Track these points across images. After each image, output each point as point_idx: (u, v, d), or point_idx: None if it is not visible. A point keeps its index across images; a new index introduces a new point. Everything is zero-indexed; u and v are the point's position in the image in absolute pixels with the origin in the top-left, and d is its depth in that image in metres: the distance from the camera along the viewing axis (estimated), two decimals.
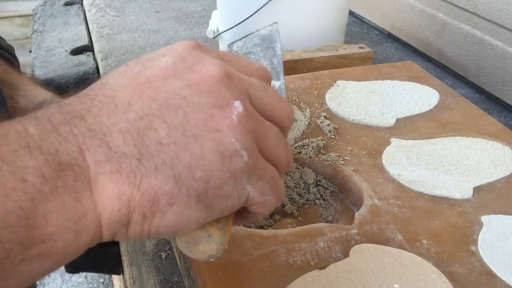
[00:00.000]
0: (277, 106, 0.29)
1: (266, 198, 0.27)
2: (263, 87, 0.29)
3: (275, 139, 0.28)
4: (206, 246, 0.26)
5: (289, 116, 0.30)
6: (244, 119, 0.25)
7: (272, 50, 0.43)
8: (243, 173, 0.25)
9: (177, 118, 0.24)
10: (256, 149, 0.26)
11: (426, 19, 0.78)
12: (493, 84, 0.67)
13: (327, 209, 0.43)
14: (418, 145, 0.48)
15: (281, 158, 0.28)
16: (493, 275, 0.35)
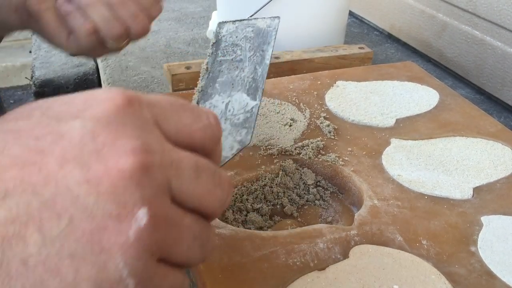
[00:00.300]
0: (206, 196, 0.24)
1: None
2: (194, 174, 0.23)
3: (189, 243, 0.23)
4: None
5: (221, 205, 0.25)
6: (145, 235, 0.20)
7: (262, 55, 0.38)
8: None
9: (58, 227, 0.19)
10: (153, 268, 0.21)
11: (426, 19, 0.78)
12: (493, 84, 0.67)
13: (326, 210, 0.43)
14: (418, 145, 0.48)
15: (193, 260, 0.23)
16: (493, 275, 0.35)
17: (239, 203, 0.42)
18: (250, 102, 0.36)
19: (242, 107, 0.35)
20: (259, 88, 0.36)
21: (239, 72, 0.37)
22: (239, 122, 0.35)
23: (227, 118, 0.35)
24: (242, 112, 0.35)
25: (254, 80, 0.37)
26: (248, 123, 0.34)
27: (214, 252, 0.35)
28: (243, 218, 0.41)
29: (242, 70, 0.37)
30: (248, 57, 0.37)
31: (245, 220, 0.41)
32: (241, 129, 0.34)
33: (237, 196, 0.42)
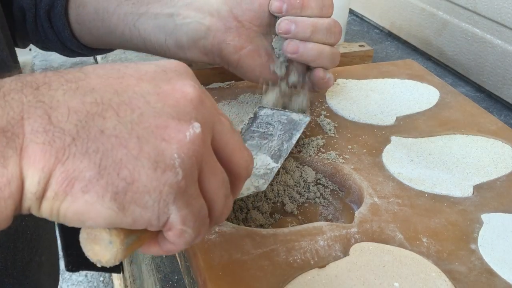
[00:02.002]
0: (237, 151, 0.28)
1: (185, 229, 0.25)
2: (230, 128, 0.28)
3: (218, 182, 0.27)
4: (101, 250, 0.25)
5: (247, 166, 0.29)
6: (197, 141, 0.25)
7: (290, 136, 0.44)
8: (172, 190, 0.24)
9: (130, 116, 0.24)
10: (194, 175, 0.25)
11: (426, 17, 0.78)
12: (494, 82, 0.67)
13: (327, 208, 0.43)
14: (418, 143, 0.48)
15: (216, 204, 0.27)
16: (493, 273, 0.35)
17: (239, 201, 0.42)
18: (272, 164, 0.42)
19: (265, 165, 0.41)
20: (282, 156, 0.42)
21: (267, 142, 0.43)
22: (260, 174, 0.41)
23: None
24: (263, 168, 0.41)
25: (279, 151, 0.43)
26: (266, 177, 0.40)
27: (215, 249, 0.35)
28: (244, 216, 0.41)
29: (271, 141, 0.43)
30: (278, 134, 0.44)
31: (246, 218, 0.41)
32: (260, 179, 0.40)
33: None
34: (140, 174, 0.23)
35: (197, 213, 0.26)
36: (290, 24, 0.47)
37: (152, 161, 0.23)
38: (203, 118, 0.26)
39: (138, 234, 0.26)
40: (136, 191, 0.23)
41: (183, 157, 0.24)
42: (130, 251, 0.26)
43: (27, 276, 0.49)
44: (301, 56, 0.48)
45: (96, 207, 0.23)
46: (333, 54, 0.49)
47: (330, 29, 0.47)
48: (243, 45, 0.49)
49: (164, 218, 0.24)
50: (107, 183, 0.23)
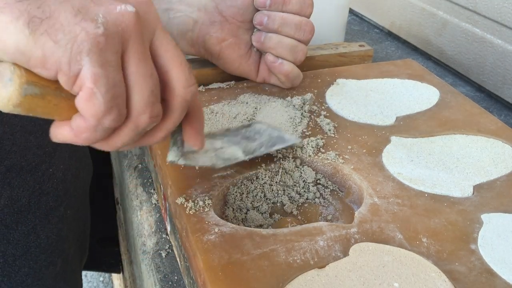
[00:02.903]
0: (177, 64, 0.30)
1: (95, 92, 0.25)
2: (174, 43, 0.30)
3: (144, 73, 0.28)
4: (1, 88, 0.25)
5: (185, 84, 0.30)
6: (127, 17, 0.27)
7: (271, 145, 0.44)
8: (87, 39, 0.25)
9: None
10: (117, 45, 0.26)
11: (426, 17, 0.78)
12: (494, 82, 0.67)
13: (326, 208, 0.43)
14: (418, 143, 0.48)
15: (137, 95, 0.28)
16: (493, 273, 0.35)
17: (239, 201, 0.42)
18: (240, 156, 0.42)
19: (232, 154, 0.42)
20: (253, 154, 0.42)
21: (247, 142, 0.44)
22: (223, 157, 0.41)
23: (216, 151, 0.41)
24: (229, 155, 0.42)
25: (254, 150, 0.43)
26: (227, 162, 0.41)
27: (214, 250, 0.35)
28: (243, 216, 0.41)
29: (250, 142, 0.44)
30: (261, 141, 0.44)
31: (245, 218, 0.41)
32: (220, 160, 0.41)
33: (237, 194, 0.42)
34: (59, 14, 0.25)
35: (111, 82, 0.26)
36: (263, 16, 0.51)
37: (75, 9, 0.25)
38: (143, 13, 0.28)
39: (44, 91, 0.26)
40: (52, 26, 0.25)
41: (108, 19, 0.26)
42: (31, 104, 0.25)
43: (49, 221, 0.54)
44: (262, 45, 0.52)
45: (9, 27, 0.24)
46: (295, 46, 0.52)
47: (300, 25, 0.51)
48: (224, 38, 0.53)
49: (75, 68, 0.25)
50: (25, 9, 0.24)
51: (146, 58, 0.28)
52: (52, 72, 0.25)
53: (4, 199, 0.49)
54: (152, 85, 0.28)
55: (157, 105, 0.29)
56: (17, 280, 0.52)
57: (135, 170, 0.57)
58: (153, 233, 0.48)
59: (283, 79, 0.54)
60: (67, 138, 0.28)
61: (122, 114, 0.28)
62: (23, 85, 0.25)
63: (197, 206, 0.39)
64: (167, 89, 0.30)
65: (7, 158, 0.48)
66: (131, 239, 0.61)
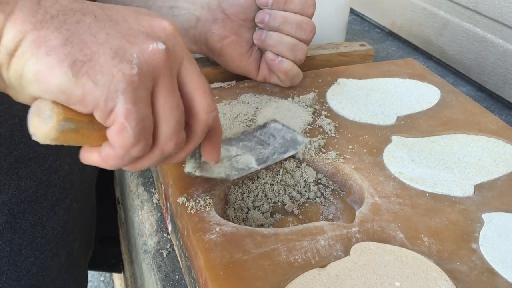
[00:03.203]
0: (201, 91, 0.32)
1: (126, 125, 0.28)
2: (198, 71, 0.33)
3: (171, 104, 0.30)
4: (39, 123, 0.27)
5: (207, 110, 0.33)
6: (158, 55, 0.29)
7: (284, 151, 0.45)
8: (123, 79, 0.28)
9: (107, 20, 0.29)
10: (148, 82, 0.29)
11: (427, 17, 0.78)
12: (495, 82, 0.67)
13: (328, 208, 0.43)
14: (419, 143, 0.48)
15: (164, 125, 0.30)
16: (494, 273, 0.35)
17: (240, 201, 0.42)
18: (253, 165, 0.43)
19: (245, 163, 0.43)
20: (266, 163, 0.43)
21: (261, 148, 0.45)
22: (237, 167, 0.42)
23: (230, 160, 0.43)
24: (243, 164, 0.43)
25: (267, 158, 0.44)
26: (241, 172, 0.42)
27: (216, 249, 0.35)
28: (244, 216, 0.41)
29: (264, 149, 0.45)
30: (274, 146, 0.45)
31: (246, 217, 0.41)
32: (234, 171, 0.42)
33: (238, 194, 0.42)
34: (99, 56, 0.28)
35: (141, 117, 0.29)
36: (265, 15, 0.51)
37: (113, 51, 0.28)
38: (172, 47, 0.31)
39: (79, 126, 0.28)
40: (92, 67, 0.27)
41: (141, 60, 0.29)
42: (67, 138, 0.28)
43: (56, 212, 0.55)
44: (263, 43, 0.53)
45: (54, 69, 0.27)
46: (295, 45, 0.52)
47: (301, 24, 0.51)
48: (226, 35, 0.53)
49: (110, 105, 0.28)
50: (68, 52, 0.27)
51: (174, 91, 0.30)
52: (90, 109, 0.28)
53: (12, 189, 0.50)
54: (178, 115, 0.31)
55: (182, 133, 0.32)
56: (23, 270, 0.52)
57: None
58: (154, 233, 0.48)
59: (282, 77, 0.54)
60: (95, 162, 0.31)
61: (148, 144, 0.30)
62: (60, 122, 0.27)
63: (198, 206, 0.39)
64: (191, 115, 0.33)
65: (16, 149, 0.50)
66: (132, 238, 0.61)
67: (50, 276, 0.56)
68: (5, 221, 0.50)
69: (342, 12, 0.70)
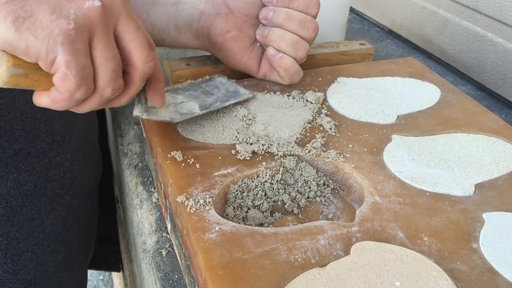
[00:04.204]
0: (137, 44, 0.36)
1: (68, 74, 0.32)
2: (136, 26, 0.36)
3: (107, 55, 0.34)
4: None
5: (144, 60, 0.37)
6: (93, 11, 0.33)
7: (226, 100, 0.50)
8: (61, 33, 0.31)
9: None
10: (85, 36, 0.33)
11: (427, 16, 0.78)
12: (495, 81, 0.67)
13: (327, 207, 0.43)
14: (419, 142, 0.48)
15: (102, 73, 0.35)
16: (495, 272, 0.34)
17: (239, 199, 0.42)
18: (196, 110, 0.47)
19: (189, 109, 0.47)
20: (208, 109, 0.48)
21: (205, 97, 0.50)
22: (181, 112, 0.46)
23: (176, 106, 0.47)
24: (186, 110, 0.47)
25: (210, 105, 0.49)
26: (184, 116, 0.46)
27: (215, 248, 0.35)
28: (244, 215, 0.41)
29: (208, 97, 0.50)
30: (217, 95, 0.50)
31: (246, 216, 0.41)
32: (178, 115, 0.46)
33: (238, 193, 0.42)
34: (39, 13, 0.31)
35: (80, 66, 0.33)
36: (269, 11, 0.52)
37: (51, 7, 0.31)
38: (109, 4, 0.34)
39: (27, 71, 0.33)
40: (33, 23, 0.31)
41: (78, 15, 0.32)
42: (18, 81, 0.33)
43: (54, 208, 0.56)
44: (265, 38, 0.53)
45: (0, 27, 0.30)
46: (297, 42, 0.52)
47: (304, 22, 0.52)
48: (228, 30, 0.53)
49: (51, 56, 0.32)
50: (11, 10, 0.31)
51: (110, 43, 0.35)
52: (34, 59, 0.32)
53: (11, 182, 0.50)
54: (115, 65, 0.35)
55: (118, 80, 0.36)
56: (20, 264, 0.52)
57: (135, 168, 0.57)
58: (153, 232, 0.48)
59: (282, 73, 0.54)
60: (46, 104, 0.35)
61: (90, 89, 0.35)
62: (9, 68, 0.32)
63: (197, 205, 0.38)
64: (129, 65, 0.37)
65: (15, 142, 0.50)
66: (131, 237, 0.61)
67: (47, 271, 0.56)
68: (3, 214, 0.50)
69: (342, 11, 0.69)
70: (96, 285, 1.49)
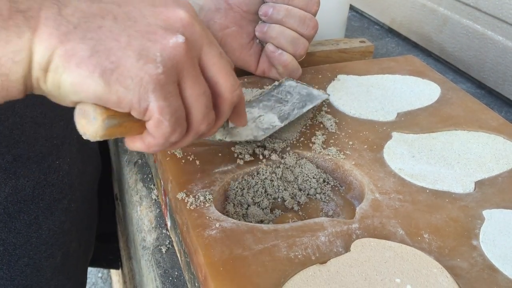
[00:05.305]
0: (223, 73, 0.34)
1: (162, 120, 0.31)
2: (219, 53, 0.34)
3: (198, 91, 0.32)
4: (86, 124, 0.30)
5: (231, 89, 0.35)
6: (179, 49, 0.30)
7: (303, 105, 0.48)
8: (151, 80, 0.29)
9: (126, 21, 0.30)
10: (173, 76, 0.31)
11: (427, 13, 0.77)
12: (494, 79, 0.67)
13: (328, 204, 0.43)
14: (419, 139, 0.48)
15: (195, 110, 0.33)
16: (495, 269, 0.34)
17: (239, 196, 0.42)
18: (277, 122, 0.46)
19: (270, 122, 0.45)
20: (288, 119, 0.46)
21: (281, 106, 0.47)
22: (262, 127, 0.45)
23: (255, 121, 0.45)
24: (267, 124, 0.45)
25: (288, 114, 0.47)
26: (267, 131, 0.44)
27: (215, 245, 0.35)
28: (244, 212, 0.41)
29: (284, 106, 0.47)
30: (292, 102, 0.48)
31: (246, 213, 0.41)
32: (260, 131, 0.44)
33: (238, 190, 0.42)
34: (125, 61, 0.29)
35: (174, 109, 0.31)
36: (269, 8, 0.52)
37: (136, 53, 0.29)
38: (190, 36, 0.32)
39: (121, 120, 0.31)
40: (121, 74, 0.29)
41: (164, 57, 0.30)
42: (112, 132, 0.31)
43: (52, 213, 0.55)
44: (264, 34, 0.53)
45: (87, 80, 0.28)
46: (296, 39, 0.52)
47: (304, 19, 0.52)
48: (228, 25, 0.53)
49: (144, 104, 0.30)
50: (97, 62, 0.28)
51: (198, 79, 0.32)
52: (126, 110, 0.30)
53: (9, 188, 0.50)
54: (206, 100, 0.33)
55: (211, 114, 0.34)
56: (16, 270, 0.52)
57: (134, 165, 0.57)
58: (153, 229, 0.48)
59: (281, 69, 0.54)
60: (140, 148, 0.34)
61: (184, 129, 0.33)
62: (105, 121, 0.30)
63: (197, 201, 0.38)
64: (217, 96, 0.35)
65: (14, 147, 0.49)
66: (131, 234, 0.61)
67: (44, 277, 0.56)
68: (0, 220, 0.50)
69: (342, 8, 0.69)
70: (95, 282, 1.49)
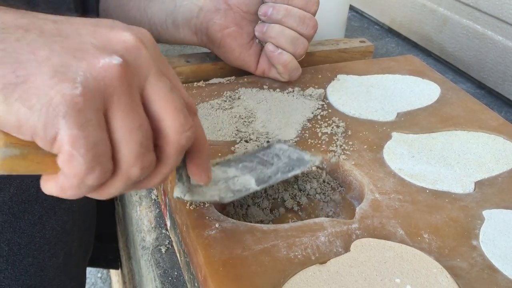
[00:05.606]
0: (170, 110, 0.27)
1: (74, 154, 0.24)
2: (169, 87, 0.28)
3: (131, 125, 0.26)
4: None
5: (179, 131, 0.28)
6: (110, 71, 0.25)
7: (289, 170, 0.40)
8: (63, 102, 0.24)
9: (55, 36, 0.26)
10: (97, 102, 0.25)
11: (427, 13, 0.77)
12: (494, 79, 0.67)
13: (327, 204, 0.43)
14: (419, 139, 0.48)
15: (124, 149, 0.26)
16: (494, 269, 0.34)
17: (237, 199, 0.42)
18: (252, 186, 0.38)
19: (243, 184, 0.38)
20: (267, 183, 0.39)
21: (262, 168, 0.40)
22: (233, 189, 0.37)
23: (227, 182, 0.38)
24: (239, 186, 0.38)
25: (269, 178, 0.39)
26: (237, 193, 0.37)
27: (215, 245, 0.35)
28: (244, 212, 0.41)
29: (266, 169, 0.40)
30: (278, 166, 0.41)
31: (246, 214, 0.41)
32: (229, 193, 0.37)
33: None
34: (36, 77, 0.24)
35: (91, 143, 0.25)
36: (268, 7, 0.52)
37: (53, 69, 0.24)
38: (133, 61, 0.27)
39: (24, 151, 0.25)
40: (26, 91, 0.24)
41: (88, 77, 0.24)
42: (14, 166, 0.25)
43: (55, 213, 0.55)
44: (264, 34, 0.53)
45: None
46: (296, 39, 0.52)
47: (304, 19, 0.51)
48: (227, 25, 0.53)
49: (51, 132, 0.24)
50: (1, 75, 0.23)
51: (134, 110, 0.26)
52: (29, 137, 0.24)
53: (14, 188, 0.49)
54: (141, 137, 0.26)
55: (147, 156, 0.27)
56: (21, 269, 0.52)
57: None
58: (152, 229, 0.48)
59: (281, 69, 0.54)
60: (54, 192, 0.27)
61: (107, 171, 0.26)
62: (1, 148, 0.24)
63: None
64: (161, 136, 0.28)
65: None
66: (130, 234, 0.61)
67: (47, 276, 0.56)
68: (5, 220, 0.50)
69: (341, 8, 0.69)
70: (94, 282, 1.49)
